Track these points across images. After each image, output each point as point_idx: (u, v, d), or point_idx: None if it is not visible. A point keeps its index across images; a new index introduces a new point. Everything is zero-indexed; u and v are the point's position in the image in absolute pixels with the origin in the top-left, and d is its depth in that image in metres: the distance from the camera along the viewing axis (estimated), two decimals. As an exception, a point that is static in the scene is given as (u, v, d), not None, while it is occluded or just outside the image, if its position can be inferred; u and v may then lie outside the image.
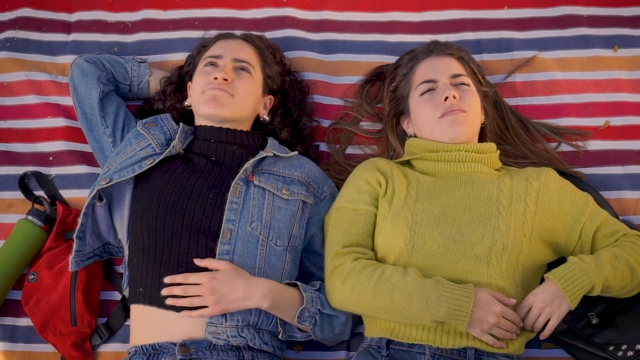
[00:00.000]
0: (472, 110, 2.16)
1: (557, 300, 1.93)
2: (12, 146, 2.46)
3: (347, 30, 2.63)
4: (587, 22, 2.63)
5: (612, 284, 1.98)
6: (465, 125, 2.12)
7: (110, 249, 2.26)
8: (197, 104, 2.22)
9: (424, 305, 1.90)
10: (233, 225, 2.03)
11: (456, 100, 2.13)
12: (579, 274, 1.93)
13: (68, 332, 2.19)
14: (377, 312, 1.97)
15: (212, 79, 2.19)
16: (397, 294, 1.92)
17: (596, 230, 2.10)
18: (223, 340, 1.95)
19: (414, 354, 1.95)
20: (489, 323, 1.90)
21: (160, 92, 2.39)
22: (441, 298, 1.89)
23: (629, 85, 2.54)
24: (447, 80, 2.18)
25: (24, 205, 2.36)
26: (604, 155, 2.45)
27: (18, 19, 2.63)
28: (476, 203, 2.06)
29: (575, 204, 2.11)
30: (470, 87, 2.20)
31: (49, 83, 2.52)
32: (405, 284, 1.93)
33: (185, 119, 2.34)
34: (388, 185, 2.10)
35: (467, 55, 2.31)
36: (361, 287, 1.96)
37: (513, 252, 1.99)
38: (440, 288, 1.90)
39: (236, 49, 2.29)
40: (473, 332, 1.91)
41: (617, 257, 2.00)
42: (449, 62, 2.23)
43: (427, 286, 1.91)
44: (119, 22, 2.65)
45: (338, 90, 2.54)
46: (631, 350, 2.09)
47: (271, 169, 2.15)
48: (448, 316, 1.88)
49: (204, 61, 2.27)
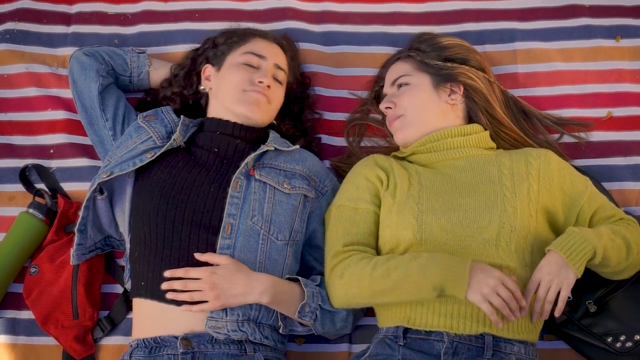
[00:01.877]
0: (411, 108, 2.18)
1: (563, 270, 1.91)
2: (12, 139, 2.45)
3: (348, 22, 2.63)
4: (590, 12, 2.62)
5: (610, 255, 1.97)
6: (406, 129, 2.18)
7: (111, 242, 2.26)
8: (230, 99, 2.19)
9: (421, 274, 1.89)
10: (234, 220, 2.02)
11: (391, 110, 2.21)
12: (579, 241, 1.92)
13: (70, 325, 2.19)
14: (378, 296, 1.96)
15: (257, 82, 2.19)
16: (395, 272, 1.92)
17: (594, 213, 2.10)
18: (223, 334, 1.96)
19: (432, 342, 1.95)
20: (489, 285, 1.85)
21: (170, 77, 2.37)
22: (438, 264, 1.88)
23: (631, 75, 2.53)
24: (388, 90, 2.27)
25: (25, 198, 2.36)
26: (606, 146, 2.44)
27: (18, 10, 2.62)
28: (480, 187, 2.06)
29: (574, 186, 2.11)
30: (410, 84, 2.21)
31: (49, 75, 2.51)
32: (402, 260, 1.94)
33: (187, 108, 2.34)
34: (390, 178, 2.10)
35: (426, 42, 2.29)
36: (359, 276, 1.97)
37: (521, 233, 1.99)
38: (436, 256, 1.91)
39: (277, 53, 2.29)
40: (473, 297, 1.85)
41: (615, 231, 2.01)
42: (393, 69, 2.29)
43: (422, 257, 1.92)
44: (120, 14, 2.63)
45: (340, 82, 2.53)
46: (630, 341, 2.10)
47: (272, 163, 2.15)
48: (445, 279, 1.86)
49: (243, 55, 2.24)
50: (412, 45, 2.32)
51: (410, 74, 2.23)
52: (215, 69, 2.28)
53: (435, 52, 2.25)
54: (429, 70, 2.22)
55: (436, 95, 2.19)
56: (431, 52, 2.25)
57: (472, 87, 2.22)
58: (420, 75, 2.22)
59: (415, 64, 2.24)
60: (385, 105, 2.23)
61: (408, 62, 2.26)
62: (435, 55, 2.24)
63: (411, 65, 2.25)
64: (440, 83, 2.20)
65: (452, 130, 2.16)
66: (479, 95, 2.22)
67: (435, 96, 2.19)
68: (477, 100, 2.22)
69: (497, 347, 1.95)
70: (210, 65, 2.30)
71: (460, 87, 2.21)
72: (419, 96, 2.19)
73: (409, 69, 2.24)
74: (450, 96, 2.20)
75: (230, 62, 2.26)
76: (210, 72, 2.30)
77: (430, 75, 2.21)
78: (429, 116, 2.18)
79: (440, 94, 2.19)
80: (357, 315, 2.17)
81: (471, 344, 1.94)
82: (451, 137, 2.15)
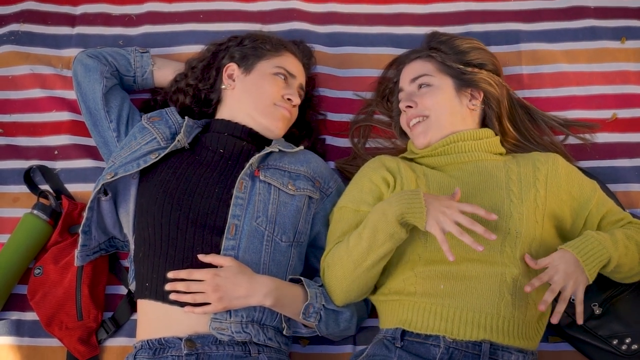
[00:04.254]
0: (435, 109, 2.16)
1: (578, 272, 1.90)
2: (17, 140, 2.45)
3: (353, 23, 2.63)
4: (595, 14, 2.62)
5: (624, 262, 1.97)
6: (429, 132, 2.16)
7: (116, 243, 2.26)
8: (257, 107, 2.19)
9: (383, 217, 1.90)
10: (238, 221, 2.02)
11: (413, 109, 2.18)
12: (597, 247, 1.92)
13: (74, 327, 2.19)
14: (361, 263, 1.96)
15: (287, 99, 2.21)
16: (364, 232, 1.94)
17: (602, 217, 2.10)
18: (227, 336, 1.95)
19: (429, 347, 1.94)
20: (448, 210, 1.85)
21: (186, 69, 2.35)
22: (392, 201, 1.90)
23: (636, 77, 2.53)
24: (407, 87, 2.24)
25: (30, 200, 2.36)
26: (612, 148, 2.44)
27: (22, 12, 2.63)
28: (486, 192, 2.05)
29: (583, 190, 2.11)
30: (433, 85, 2.19)
31: (54, 76, 2.52)
32: (366, 219, 1.96)
33: (195, 103, 2.32)
34: (397, 180, 2.09)
35: (446, 44, 2.28)
36: (338, 255, 2.00)
37: (527, 239, 1.99)
38: (390, 197, 1.93)
39: (302, 73, 2.31)
40: (437, 227, 1.84)
41: (629, 237, 2.00)
42: (413, 67, 2.26)
43: (379, 204, 1.94)
44: (124, 15, 2.64)
45: (344, 83, 2.53)
46: (636, 343, 2.10)
47: (277, 164, 2.15)
48: (405, 211, 1.87)
49: (276, 68, 2.24)
50: (431, 45, 2.30)
51: (432, 75, 2.21)
52: (242, 71, 2.26)
53: (456, 55, 2.24)
54: (451, 73, 2.21)
55: (458, 99, 2.19)
56: (452, 55, 2.24)
57: (491, 94, 2.22)
58: (443, 77, 2.20)
59: (437, 65, 2.22)
60: (406, 104, 2.20)
61: (429, 62, 2.24)
62: (456, 59, 2.23)
63: (433, 66, 2.23)
64: (462, 87, 2.19)
65: (464, 134, 2.15)
66: (496, 102, 2.23)
67: (457, 100, 2.18)
68: (493, 107, 2.22)
69: (494, 355, 1.94)
70: (237, 65, 2.28)
71: (481, 93, 2.21)
72: (443, 99, 2.17)
73: (431, 68, 2.22)
74: (470, 101, 2.20)
75: (262, 70, 2.24)
76: (235, 72, 2.27)
77: (452, 79, 2.20)
78: (451, 120, 2.17)
79: (462, 99, 2.19)
80: (362, 315, 2.17)
81: (467, 351, 1.93)
82: (463, 140, 2.14)
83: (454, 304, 1.93)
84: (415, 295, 1.98)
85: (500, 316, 1.92)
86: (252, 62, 2.25)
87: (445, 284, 1.95)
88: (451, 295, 1.94)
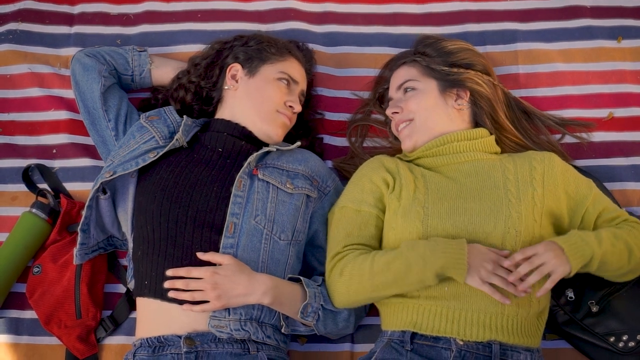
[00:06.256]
0: (418, 113, 2.18)
1: (561, 258, 1.90)
2: (15, 139, 2.45)
3: (350, 23, 2.63)
4: (591, 13, 2.63)
5: (610, 261, 1.97)
6: (414, 135, 2.18)
7: (114, 242, 2.26)
8: (259, 113, 2.19)
9: (421, 263, 1.91)
10: (237, 219, 2.03)
11: (399, 114, 2.21)
12: (580, 242, 1.93)
13: (73, 325, 2.20)
14: (380, 290, 1.97)
15: (289, 106, 2.21)
16: (394, 264, 1.94)
17: (598, 215, 2.10)
18: (226, 333, 1.96)
19: (439, 349, 1.95)
20: (487, 269, 1.88)
21: (189, 66, 2.34)
22: (436, 251, 1.90)
23: (632, 76, 2.53)
24: (394, 94, 2.27)
25: (28, 198, 2.36)
26: (608, 147, 2.45)
27: (20, 11, 2.63)
28: (484, 192, 2.06)
29: (579, 188, 2.11)
30: (417, 89, 2.21)
31: (52, 75, 2.52)
32: (400, 252, 1.95)
33: (195, 100, 2.32)
34: (396, 181, 2.10)
35: (432, 46, 2.28)
36: (359, 271, 1.98)
37: (526, 238, 1.99)
38: (432, 243, 1.93)
39: (304, 80, 2.32)
40: (473, 282, 1.89)
41: (617, 236, 2.01)
42: (399, 74, 2.28)
43: (420, 245, 1.94)
44: (122, 14, 2.64)
45: (341, 83, 2.54)
46: (632, 340, 2.10)
47: (275, 163, 2.15)
48: (446, 265, 1.89)
49: (280, 73, 2.23)
50: (417, 49, 2.31)
51: (416, 79, 2.22)
52: (246, 73, 2.26)
53: (441, 57, 2.25)
54: (436, 75, 2.22)
55: (443, 100, 2.19)
56: (437, 57, 2.25)
57: (478, 93, 2.22)
58: (427, 81, 2.22)
59: (421, 69, 2.24)
60: (392, 110, 2.23)
61: (414, 67, 2.26)
62: (441, 61, 2.24)
63: (417, 70, 2.24)
64: (447, 88, 2.20)
65: (458, 134, 2.16)
66: (485, 101, 2.23)
67: (442, 101, 2.19)
68: (482, 105, 2.23)
69: (504, 355, 1.95)
70: (240, 66, 2.28)
71: (467, 92, 2.22)
72: (426, 101, 2.19)
73: (415, 73, 2.24)
74: (456, 101, 2.20)
75: (265, 74, 2.24)
76: (239, 73, 2.26)
77: (437, 81, 2.21)
78: (437, 121, 2.18)
79: (447, 99, 2.20)
80: (359, 315, 2.17)
81: (479, 353, 1.94)
82: (457, 141, 2.15)
83: (459, 305, 1.95)
84: (419, 298, 1.98)
85: (505, 315, 1.94)
86: (256, 64, 2.25)
87: (449, 286, 1.96)
88: (456, 297, 1.95)
